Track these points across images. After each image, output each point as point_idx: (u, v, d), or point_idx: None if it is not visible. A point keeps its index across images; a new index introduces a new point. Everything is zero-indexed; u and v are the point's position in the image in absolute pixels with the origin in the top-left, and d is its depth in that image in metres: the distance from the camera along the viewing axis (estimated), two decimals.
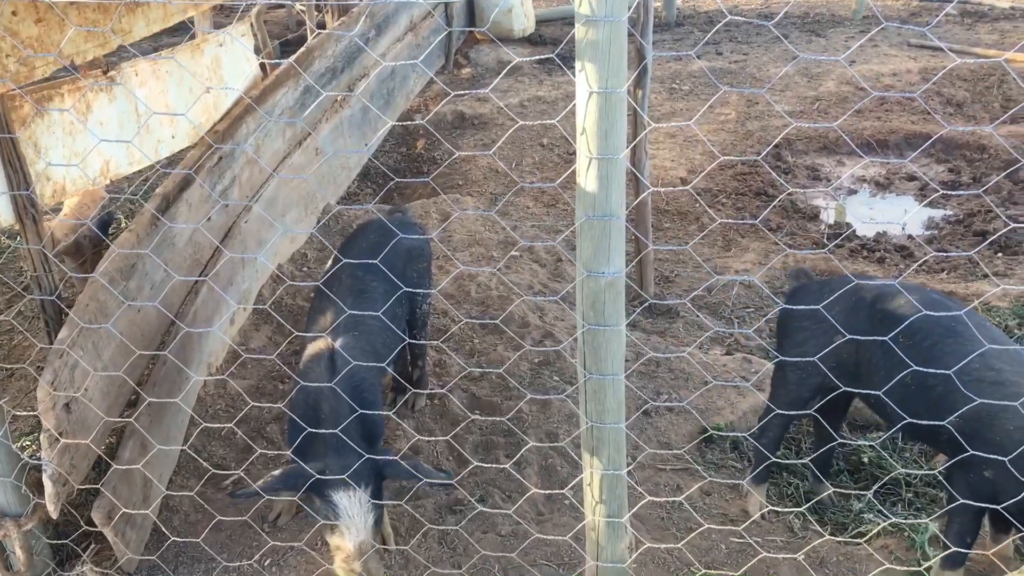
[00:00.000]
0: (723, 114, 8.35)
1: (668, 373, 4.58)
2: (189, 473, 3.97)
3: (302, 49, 6.19)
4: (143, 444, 3.58)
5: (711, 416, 4.27)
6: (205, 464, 3.86)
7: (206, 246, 4.61)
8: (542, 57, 2.99)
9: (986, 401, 2.86)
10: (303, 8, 8.06)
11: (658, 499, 3.19)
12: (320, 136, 6.52)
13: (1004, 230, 5.34)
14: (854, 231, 6.30)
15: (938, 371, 2.94)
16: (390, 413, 4.15)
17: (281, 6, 11.74)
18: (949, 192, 3.33)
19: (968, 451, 2.87)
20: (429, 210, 6.52)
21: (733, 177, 6.98)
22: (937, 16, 11.14)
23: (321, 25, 8.13)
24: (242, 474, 3.72)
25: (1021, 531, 3.10)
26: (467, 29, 10.57)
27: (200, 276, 4.49)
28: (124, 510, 3.38)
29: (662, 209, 6.57)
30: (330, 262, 4.11)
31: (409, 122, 4.57)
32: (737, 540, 3.40)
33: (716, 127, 8.05)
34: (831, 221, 6.62)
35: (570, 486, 3.05)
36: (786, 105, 8.50)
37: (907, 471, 3.73)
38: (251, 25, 5.63)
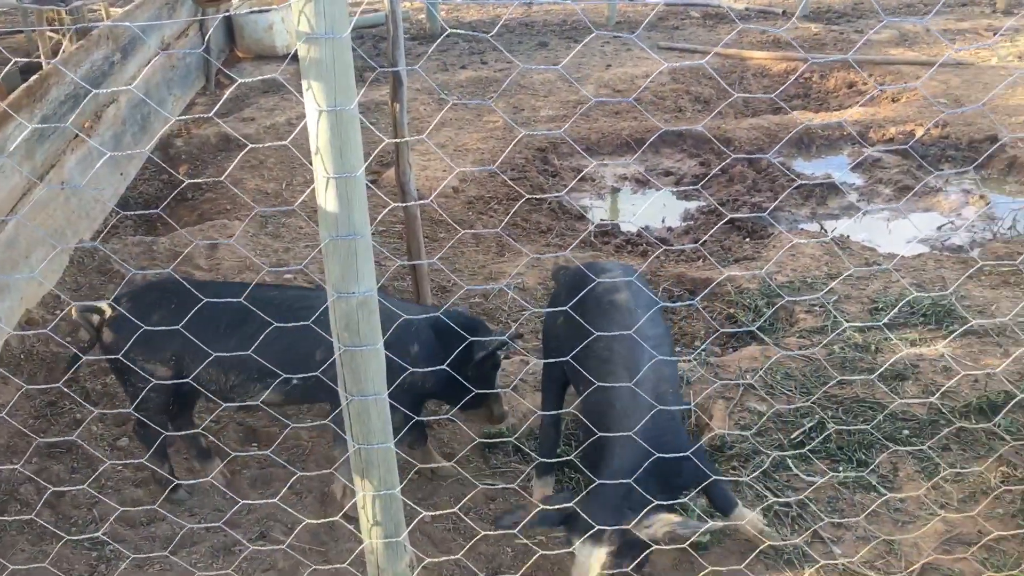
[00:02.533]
0: (491, 122, 8.51)
1: None
2: None
3: (35, 76, 5.75)
4: None
5: None
6: None
7: None
8: (267, 77, 2.91)
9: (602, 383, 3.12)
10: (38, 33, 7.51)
11: (432, 512, 3.18)
12: (66, 168, 6.08)
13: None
14: (618, 227, 6.58)
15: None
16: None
17: (19, 31, 10.91)
18: (691, 189, 3.53)
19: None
20: (195, 238, 6.23)
21: (503, 183, 7.11)
22: (682, 19, 11.89)
23: (60, 49, 7.59)
24: None
25: None
26: (220, 64, 10.22)
27: None
28: None
29: (436, 219, 6.60)
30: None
31: (153, 151, 4.34)
32: (521, 542, 3.45)
33: (485, 135, 8.19)
34: (597, 220, 6.90)
35: (343, 511, 2.99)
36: (550, 110, 8.78)
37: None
38: None
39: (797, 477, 3.83)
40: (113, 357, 3.52)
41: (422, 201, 3.53)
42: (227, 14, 10.26)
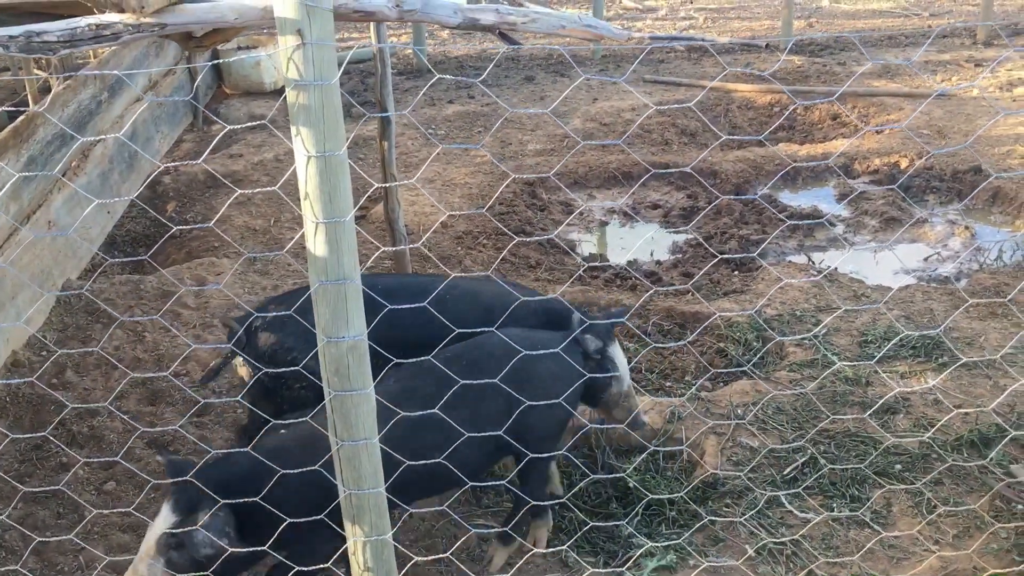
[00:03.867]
0: (479, 156, 8.54)
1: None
2: None
3: (22, 117, 5.75)
4: None
5: None
6: None
7: None
8: (256, 124, 2.91)
9: None
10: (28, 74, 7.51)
11: (425, 558, 3.15)
12: (53, 207, 6.07)
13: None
14: (608, 262, 6.59)
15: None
16: None
17: (6, 69, 10.92)
18: (683, 229, 3.54)
19: None
20: (183, 276, 6.21)
21: (491, 218, 7.12)
22: (667, 53, 11.99)
23: (48, 89, 7.60)
24: None
25: None
26: (208, 100, 10.25)
27: None
28: None
29: (425, 256, 6.60)
30: None
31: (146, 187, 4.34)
32: None
33: (473, 169, 8.21)
34: (587, 253, 6.90)
35: (334, 557, 2.96)
36: (537, 144, 8.82)
37: (670, 495, 3.90)
38: None
39: (791, 514, 3.81)
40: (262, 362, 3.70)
41: (412, 245, 3.52)
42: (216, 62, 10.29)
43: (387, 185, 3.97)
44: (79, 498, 3.99)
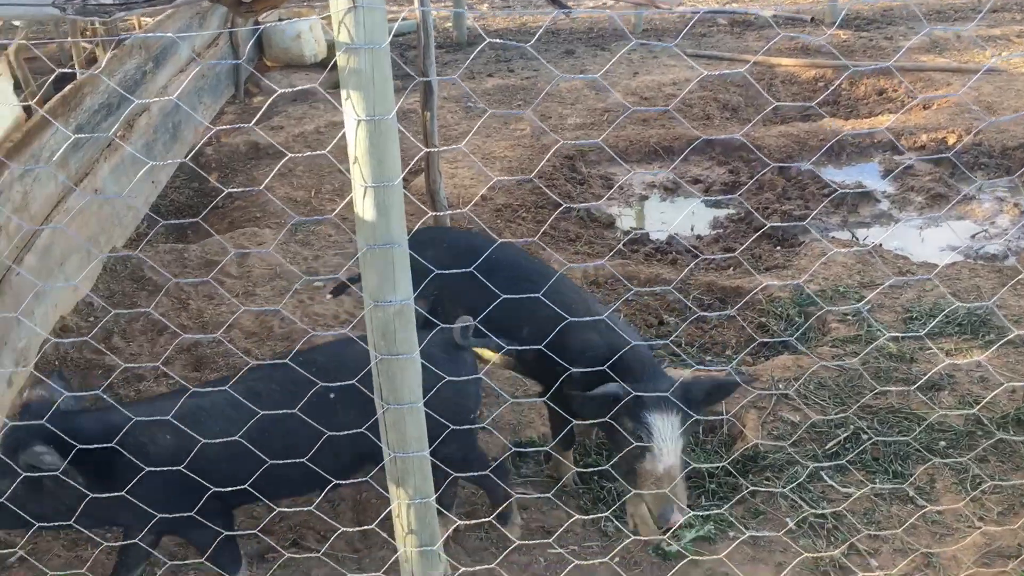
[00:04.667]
0: (519, 129, 8.52)
1: (481, 390, 4.58)
2: None
3: (70, 86, 5.83)
4: None
5: (523, 430, 4.31)
6: None
7: None
8: (305, 87, 2.93)
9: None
10: (72, 43, 7.60)
11: (467, 522, 3.18)
12: (99, 176, 6.15)
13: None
14: (647, 235, 6.56)
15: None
16: None
17: (51, 40, 11.05)
18: (727, 199, 3.51)
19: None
20: (225, 246, 6.28)
21: (531, 191, 7.11)
22: (709, 27, 11.86)
23: (92, 59, 7.69)
24: (22, 552, 3.42)
25: None
26: (252, 64, 10.30)
27: None
28: None
29: (465, 227, 6.61)
30: None
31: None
32: (555, 551, 3.44)
33: (513, 143, 8.19)
34: (626, 227, 6.88)
35: (379, 519, 3.00)
36: (577, 118, 8.77)
37: (710, 465, 3.90)
38: (9, 64, 5.25)
39: (832, 488, 3.79)
40: None
41: (456, 211, 3.53)
42: (258, 28, 10.35)
43: (429, 150, 3.97)
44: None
